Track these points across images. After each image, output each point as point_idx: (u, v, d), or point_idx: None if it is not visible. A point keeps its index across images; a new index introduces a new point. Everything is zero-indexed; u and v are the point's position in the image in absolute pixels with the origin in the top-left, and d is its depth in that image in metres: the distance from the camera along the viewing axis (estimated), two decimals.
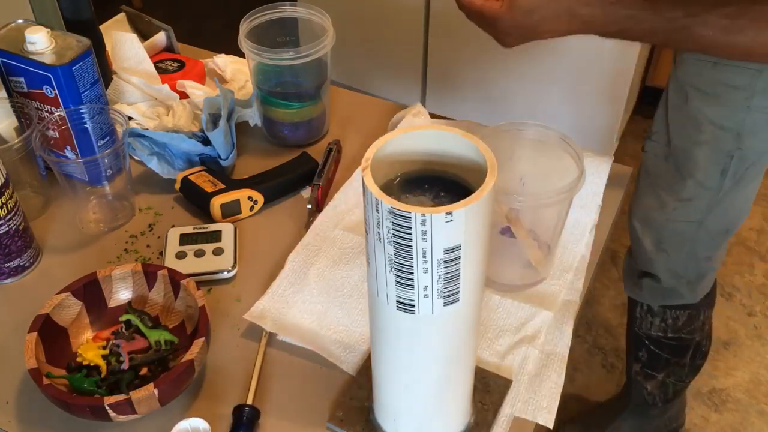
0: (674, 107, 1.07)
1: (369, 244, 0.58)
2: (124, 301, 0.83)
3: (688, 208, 1.11)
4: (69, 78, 0.93)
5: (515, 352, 0.81)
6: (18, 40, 0.94)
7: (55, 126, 0.94)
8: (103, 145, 0.98)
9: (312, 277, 0.89)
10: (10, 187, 0.86)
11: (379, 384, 0.70)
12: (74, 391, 0.75)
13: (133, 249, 0.95)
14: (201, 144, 1.01)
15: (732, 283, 1.96)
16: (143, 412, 0.72)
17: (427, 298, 0.57)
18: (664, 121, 1.10)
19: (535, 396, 0.77)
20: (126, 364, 0.77)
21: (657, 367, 1.38)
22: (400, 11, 2.09)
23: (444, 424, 0.72)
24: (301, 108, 1.07)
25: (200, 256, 0.90)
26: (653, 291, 1.25)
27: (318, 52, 1.00)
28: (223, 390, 0.79)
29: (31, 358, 0.73)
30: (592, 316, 1.88)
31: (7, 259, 0.89)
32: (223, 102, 1.01)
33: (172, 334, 0.80)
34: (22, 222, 0.89)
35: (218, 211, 0.96)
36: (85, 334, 0.82)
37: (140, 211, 1.00)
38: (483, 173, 0.55)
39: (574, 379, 1.72)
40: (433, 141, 0.59)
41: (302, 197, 1.02)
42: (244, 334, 0.84)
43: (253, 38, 1.02)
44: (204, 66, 1.19)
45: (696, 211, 1.11)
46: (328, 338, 0.83)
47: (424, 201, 0.59)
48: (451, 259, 0.55)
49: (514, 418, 0.76)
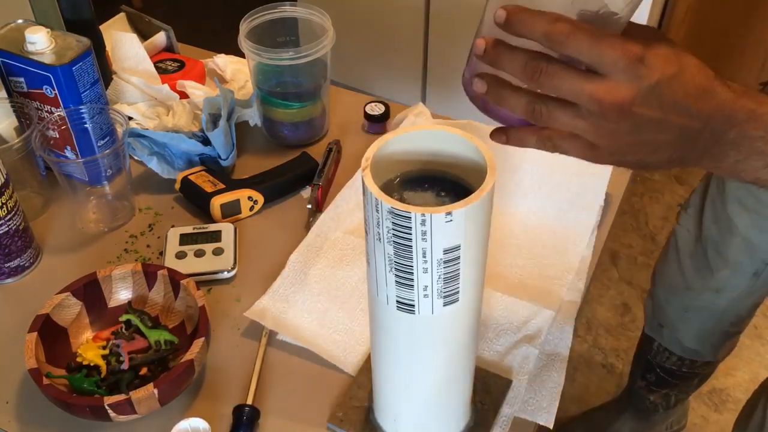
0: (713, 200, 1.00)
1: (369, 244, 0.58)
2: (124, 301, 0.84)
3: (717, 296, 1.05)
4: (69, 78, 0.93)
5: (515, 352, 0.81)
6: (18, 40, 0.94)
7: (55, 126, 0.94)
8: (103, 145, 0.98)
9: (312, 278, 0.89)
10: (10, 187, 0.86)
11: (379, 384, 0.70)
12: (74, 391, 0.75)
13: (133, 249, 0.95)
14: (201, 144, 1.01)
15: None
16: (143, 412, 0.72)
17: (427, 298, 0.57)
18: (699, 204, 1.01)
19: (535, 396, 0.77)
20: (126, 364, 0.77)
21: (663, 387, 1.36)
22: (400, 11, 2.09)
23: (444, 424, 0.72)
24: (301, 108, 1.06)
25: (200, 256, 0.90)
26: (673, 343, 1.20)
27: (318, 52, 1.00)
28: (223, 390, 0.79)
29: (31, 358, 0.73)
30: (592, 316, 1.88)
31: (7, 259, 0.89)
32: (223, 102, 1.01)
33: (172, 334, 0.80)
34: (22, 222, 0.89)
35: (218, 211, 0.96)
36: (85, 334, 0.82)
37: (140, 211, 1.00)
38: (483, 173, 0.55)
39: (574, 379, 1.72)
40: (433, 141, 0.59)
41: (302, 197, 1.02)
42: (244, 333, 0.84)
43: (253, 38, 1.02)
44: (204, 66, 1.19)
45: (725, 299, 1.05)
46: (328, 338, 0.83)
47: (427, 198, 0.59)
48: (450, 259, 0.55)
49: (513, 418, 0.76)
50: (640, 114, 0.50)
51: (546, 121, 0.52)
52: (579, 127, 0.51)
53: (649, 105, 0.49)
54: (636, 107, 0.49)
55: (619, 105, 0.49)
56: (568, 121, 0.51)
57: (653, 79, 0.49)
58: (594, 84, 0.49)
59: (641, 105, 0.49)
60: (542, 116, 0.52)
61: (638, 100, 0.49)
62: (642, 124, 0.50)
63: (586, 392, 1.70)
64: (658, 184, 2.21)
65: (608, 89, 0.49)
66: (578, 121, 0.51)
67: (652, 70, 0.48)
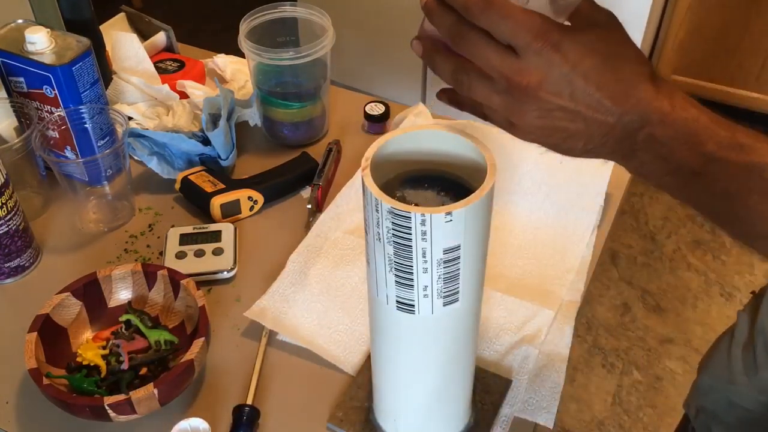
0: None
1: (369, 244, 0.58)
2: (124, 301, 0.83)
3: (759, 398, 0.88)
4: (69, 78, 0.93)
5: (515, 351, 0.81)
6: (18, 40, 0.94)
7: (55, 126, 0.94)
8: (103, 145, 0.98)
9: (312, 278, 0.89)
10: (10, 187, 0.86)
11: (379, 384, 0.70)
12: (74, 391, 0.75)
13: (133, 249, 0.95)
14: (201, 144, 1.01)
15: (732, 283, 1.96)
16: (143, 412, 0.72)
17: (427, 298, 0.57)
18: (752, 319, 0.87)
19: (535, 396, 0.77)
20: (126, 364, 0.77)
21: None
22: (400, 11, 2.08)
23: (444, 424, 0.72)
24: (301, 108, 1.06)
25: (200, 256, 0.90)
26: None
27: (318, 52, 1.00)
28: (223, 390, 0.79)
29: (31, 358, 0.73)
30: (592, 316, 1.88)
31: (7, 259, 0.89)
32: (223, 102, 1.01)
33: (172, 334, 0.80)
34: (22, 222, 0.89)
35: (218, 211, 0.96)
36: (85, 334, 0.82)
37: (140, 211, 1.00)
38: (483, 173, 0.55)
39: (574, 379, 1.72)
40: (433, 141, 0.59)
41: (302, 197, 1.02)
42: (244, 333, 0.84)
43: (253, 38, 1.02)
44: (204, 66, 1.19)
45: None
46: (328, 338, 0.83)
47: (428, 196, 0.59)
48: (450, 259, 0.55)
49: (513, 418, 0.76)
50: (546, 99, 0.49)
51: (467, 91, 0.51)
52: (494, 102, 0.51)
53: (558, 93, 0.48)
54: (543, 93, 0.48)
55: (525, 87, 0.48)
56: (485, 94, 0.51)
57: (565, 68, 0.48)
58: (505, 61, 0.48)
59: (549, 92, 0.48)
60: (463, 86, 0.51)
61: (546, 86, 0.48)
62: (551, 110, 0.49)
63: (586, 392, 1.70)
64: None
65: (517, 69, 0.48)
66: (494, 96, 0.50)
67: (566, 58, 0.47)
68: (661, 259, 2.03)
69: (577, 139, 0.51)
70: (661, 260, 2.03)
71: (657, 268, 2.01)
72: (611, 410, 1.71)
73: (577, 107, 0.49)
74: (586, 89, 0.48)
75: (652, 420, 1.68)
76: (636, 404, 1.72)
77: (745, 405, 0.90)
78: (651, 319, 1.89)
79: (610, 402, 1.72)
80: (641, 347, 1.83)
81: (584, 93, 0.48)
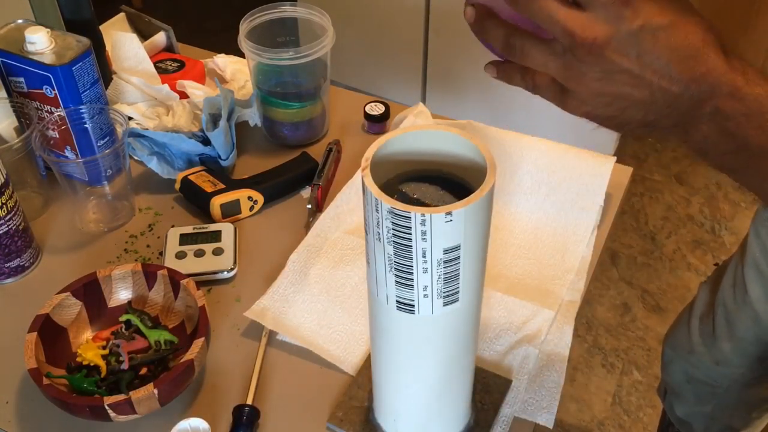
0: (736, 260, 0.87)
1: (369, 244, 0.58)
2: (124, 301, 0.84)
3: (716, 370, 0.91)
4: (69, 78, 0.93)
5: (515, 351, 0.81)
6: (18, 40, 0.94)
7: (55, 126, 0.94)
8: (103, 145, 0.98)
9: (312, 278, 0.89)
10: (10, 187, 0.86)
11: (379, 384, 0.70)
12: (74, 391, 0.75)
13: (133, 249, 0.95)
14: (201, 144, 1.01)
15: None
16: (143, 412, 0.72)
17: (427, 298, 0.57)
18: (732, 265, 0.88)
19: (535, 396, 0.77)
20: (126, 364, 0.77)
21: None
22: (400, 11, 2.09)
23: (444, 423, 0.72)
24: (301, 108, 1.06)
25: (200, 256, 0.90)
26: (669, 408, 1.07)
27: (318, 52, 1.00)
28: (223, 390, 0.79)
29: (30, 358, 0.73)
30: (592, 316, 1.88)
31: (7, 259, 0.89)
32: (223, 102, 1.01)
33: (172, 334, 0.80)
34: (22, 222, 0.89)
35: (218, 211, 0.96)
36: (84, 334, 0.82)
37: (140, 211, 1.00)
38: (483, 173, 0.55)
39: (574, 379, 1.72)
40: (433, 141, 0.59)
41: (302, 197, 1.02)
42: (244, 333, 0.84)
43: (253, 38, 1.02)
44: (204, 66, 1.19)
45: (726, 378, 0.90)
46: (328, 338, 0.83)
47: (428, 190, 0.59)
48: (450, 259, 0.55)
49: (513, 418, 0.76)
50: (611, 60, 0.45)
51: (520, 56, 0.49)
52: (551, 67, 0.48)
53: (625, 53, 0.45)
54: (609, 51, 0.45)
55: (590, 43, 0.45)
56: (540, 58, 0.48)
57: (635, 25, 0.44)
58: (570, 14, 0.45)
59: (615, 51, 0.45)
60: (516, 51, 0.49)
61: (613, 44, 0.45)
62: (613, 72, 0.46)
63: (586, 392, 1.70)
64: (658, 184, 2.21)
65: (583, 23, 0.45)
66: (550, 60, 0.47)
67: (637, 14, 0.44)
68: (661, 259, 2.03)
69: (638, 109, 0.47)
70: (661, 260, 2.03)
71: (657, 268, 2.01)
72: (611, 410, 1.71)
73: (643, 72, 0.45)
74: (653, 51, 0.45)
75: (652, 420, 1.68)
76: (636, 404, 1.72)
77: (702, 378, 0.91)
78: (651, 319, 1.89)
79: (610, 402, 1.72)
80: (641, 347, 1.83)
81: (652, 55, 0.45)
